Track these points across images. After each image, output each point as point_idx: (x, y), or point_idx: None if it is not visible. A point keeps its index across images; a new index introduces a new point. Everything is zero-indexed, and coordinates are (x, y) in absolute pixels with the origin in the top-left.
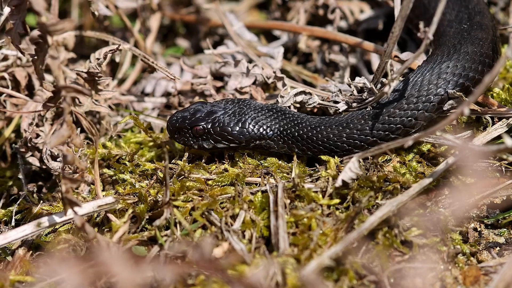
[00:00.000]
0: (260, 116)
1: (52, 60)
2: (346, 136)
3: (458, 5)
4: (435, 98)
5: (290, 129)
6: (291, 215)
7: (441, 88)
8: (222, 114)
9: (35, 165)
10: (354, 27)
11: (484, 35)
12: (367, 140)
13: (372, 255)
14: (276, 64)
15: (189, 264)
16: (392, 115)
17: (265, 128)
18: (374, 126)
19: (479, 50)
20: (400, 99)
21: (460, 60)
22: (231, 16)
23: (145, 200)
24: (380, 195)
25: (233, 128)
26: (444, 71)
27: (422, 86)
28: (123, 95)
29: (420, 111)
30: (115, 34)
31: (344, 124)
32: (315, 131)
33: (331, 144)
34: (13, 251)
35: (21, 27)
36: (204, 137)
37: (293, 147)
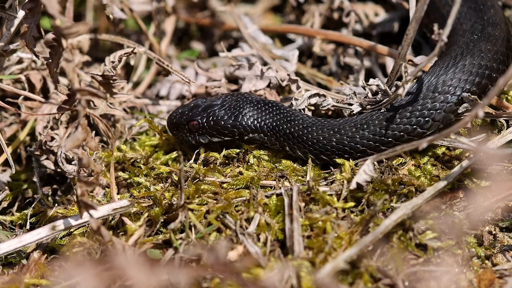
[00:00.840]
0: (255, 109)
1: (67, 63)
2: (336, 141)
3: (474, 16)
4: (452, 98)
5: (282, 125)
6: (306, 218)
7: (457, 89)
8: (218, 108)
9: (50, 168)
10: (369, 31)
11: (498, 33)
12: (356, 148)
13: (387, 258)
14: (291, 67)
15: (204, 267)
16: (389, 121)
17: (259, 121)
18: (363, 134)
19: (493, 48)
20: (412, 102)
21: (474, 60)
22: (246, 19)
23: (160, 203)
24: (395, 198)
25: (226, 122)
26: (457, 74)
27: (436, 88)
28: (138, 98)
29: (428, 117)
30: (130, 37)
31: (335, 128)
32: (306, 130)
33: (320, 146)
34: (28, 254)
35: (36, 30)
36: (200, 132)
37: (284, 145)
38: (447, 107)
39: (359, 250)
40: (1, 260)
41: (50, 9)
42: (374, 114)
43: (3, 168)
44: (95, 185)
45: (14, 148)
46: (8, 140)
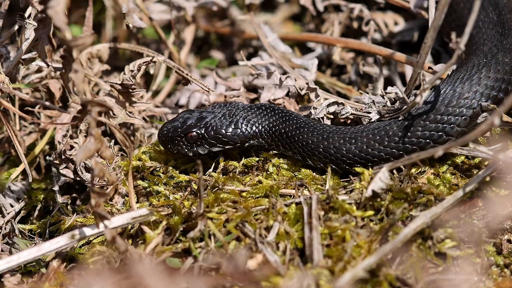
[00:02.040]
0: (250, 115)
1: (76, 74)
2: (323, 146)
3: (492, 24)
4: (467, 111)
5: (278, 125)
6: (325, 227)
7: (474, 99)
8: (213, 118)
9: (69, 177)
10: (388, 39)
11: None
12: (342, 158)
13: (406, 267)
14: (310, 76)
15: (223, 276)
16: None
17: (256, 125)
18: (356, 145)
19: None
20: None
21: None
22: (265, 27)
23: (179, 212)
24: (414, 207)
25: (227, 130)
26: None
27: (453, 97)
28: (157, 107)
29: (452, 124)
30: (149, 46)
31: (325, 135)
32: (299, 131)
33: (311, 149)
34: (47, 263)
35: (47, 41)
36: (198, 143)
37: (278, 145)
38: (467, 115)
39: (378, 259)
40: (21, 269)
41: (57, 21)
42: (392, 122)
43: (22, 177)
44: (109, 196)
45: (33, 157)
46: (27, 148)
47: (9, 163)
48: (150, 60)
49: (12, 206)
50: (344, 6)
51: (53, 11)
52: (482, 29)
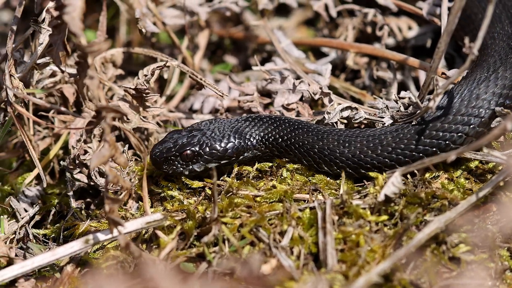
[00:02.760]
0: (240, 127)
1: (91, 80)
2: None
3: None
4: (482, 114)
5: (271, 133)
6: (339, 231)
7: (487, 103)
8: (204, 134)
9: (83, 182)
10: (402, 44)
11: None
12: (335, 160)
13: (420, 272)
14: (324, 81)
15: (238, 280)
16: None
17: (248, 137)
18: (350, 149)
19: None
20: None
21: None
22: (279, 33)
23: (193, 216)
24: (428, 211)
25: (221, 145)
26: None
27: (470, 101)
28: (171, 112)
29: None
30: (163, 50)
31: (320, 136)
32: (293, 134)
33: (306, 150)
34: (61, 268)
35: (62, 47)
36: (194, 160)
37: (274, 152)
38: (482, 118)
39: (392, 264)
40: (35, 274)
41: (73, 27)
42: (405, 127)
43: (36, 182)
44: (123, 202)
45: (47, 161)
46: (41, 153)
47: (23, 168)
48: (164, 64)
49: (26, 211)
50: (358, 11)
51: (69, 17)
52: (496, 40)
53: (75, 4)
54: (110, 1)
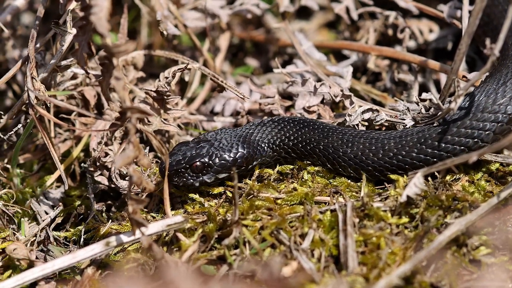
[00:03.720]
0: (247, 136)
1: (117, 81)
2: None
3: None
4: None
5: (280, 138)
6: (360, 234)
7: (508, 105)
8: (212, 145)
9: (104, 184)
10: (423, 47)
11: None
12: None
13: (441, 274)
14: (345, 83)
15: (258, 283)
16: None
17: (255, 145)
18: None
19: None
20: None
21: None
22: (300, 35)
23: (214, 219)
24: (449, 214)
25: (230, 155)
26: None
27: (487, 104)
28: (192, 114)
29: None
30: (184, 53)
31: (325, 134)
32: (306, 136)
33: (312, 147)
34: (82, 270)
35: (87, 48)
36: (204, 172)
37: (283, 153)
38: (502, 121)
39: (413, 266)
40: (55, 276)
41: (100, 27)
42: (427, 129)
43: (57, 184)
44: (146, 203)
45: (68, 164)
46: (62, 156)
47: (44, 170)
48: (185, 67)
49: (47, 213)
50: (379, 14)
51: (95, 17)
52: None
53: (102, 5)
54: (131, 3)
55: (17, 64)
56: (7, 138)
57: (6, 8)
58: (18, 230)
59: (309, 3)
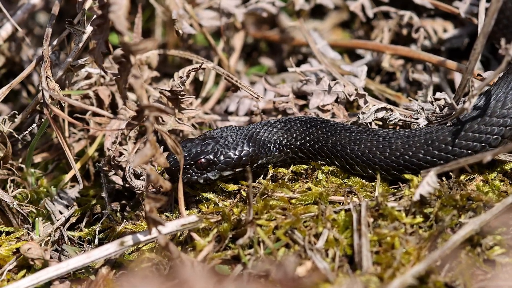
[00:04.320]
0: (253, 134)
1: (135, 79)
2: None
3: None
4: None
5: (287, 138)
6: (374, 233)
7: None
8: (217, 143)
9: (118, 184)
10: (438, 46)
11: None
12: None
13: (455, 274)
14: (360, 82)
15: (273, 283)
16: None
17: (261, 144)
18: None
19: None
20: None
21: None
22: (315, 34)
23: (228, 219)
24: (463, 213)
25: (235, 153)
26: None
27: (505, 103)
28: (206, 114)
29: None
30: (199, 52)
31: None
32: (313, 135)
33: (320, 146)
34: (96, 270)
35: (104, 46)
36: (209, 169)
37: (287, 152)
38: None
39: (427, 266)
40: (70, 276)
41: (119, 25)
42: (440, 129)
43: (71, 184)
44: (164, 201)
45: (82, 163)
46: (76, 155)
47: (58, 170)
48: (199, 66)
49: (61, 213)
50: (393, 13)
51: (114, 16)
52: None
53: (120, 3)
54: (145, 3)
55: (32, 64)
56: (21, 137)
57: (21, 7)
58: (32, 229)
59: (324, 1)
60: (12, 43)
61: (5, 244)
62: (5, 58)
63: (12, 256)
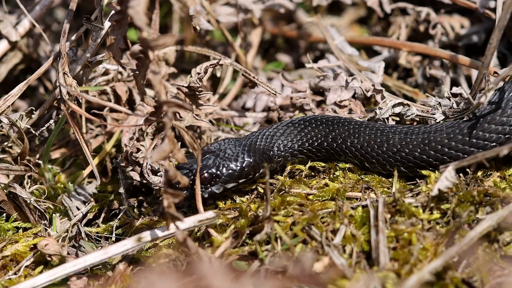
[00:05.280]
0: (252, 143)
1: (154, 75)
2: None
3: None
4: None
5: (286, 142)
6: (392, 229)
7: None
8: (217, 156)
9: (135, 180)
10: (455, 42)
11: None
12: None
13: (472, 270)
14: (377, 78)
15: (290, 279)
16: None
17: (261, 153)
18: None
19: None
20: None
21: None
22: (332, 30)
23: (245, 215)
24: (481, 209)
25: (237, 164)
26: None
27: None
28: (223, 110)
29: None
30: (216, 48)
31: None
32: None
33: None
34: (113, 266)
35: (122, 42)
36: (212, 183)
37: (287, 156)
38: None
39: (445, 262)
40: (87, 272)
41: (138, 21)
42: (456, 123)
43: (89, 180)
44: (182, 197)
45: (100, 159)
46: (94, 151)
47: (75, 166)
48: (216, 62)
49: (78, 209)
50: (411, 10)
51: (133, 11)
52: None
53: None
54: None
55: (49, 60)
56: (38, 133)
57: (38, 3)
58: (49, 225)
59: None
60: (29, 39)
61: (23, 240)
62: (22, 54)
63: (29, 252)
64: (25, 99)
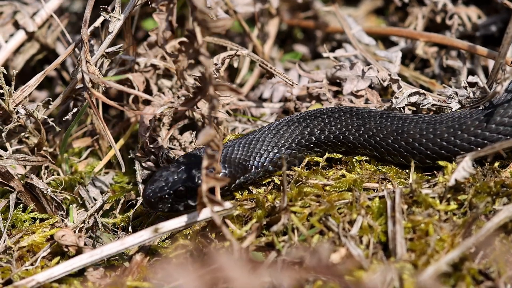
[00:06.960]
0: (228, 153)
1: (205, 59)
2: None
3: None
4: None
5: (260, 154)
6: (409, 220)
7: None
8: (191, 169)
9: (152, 170)
10: (472, 33)
11: None
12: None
13: (489, 261)
14: (394, 68)
15: (307, 269)
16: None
17: (236, 164)
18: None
19: None
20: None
21: None
22: (350, 19)
23: (262, 205)
24: (497, 200)
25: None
26: None
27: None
28: (241, 101)
29: None
30: (234, 39)
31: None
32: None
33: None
34: (130, 257)
35: (169, 27)
36: (188, 195)
37: (267, 167)
38: None
39: (462, 253)
40: (104, 263)
41: (198, 2)
42: (472, 112)
43: (105, 171)
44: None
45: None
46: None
47: (92, 156)
48: (234, 53)
49: (95, 200)
50: (428, 0)
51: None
52: None
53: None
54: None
55: (68, 49)
56: (55, 124)
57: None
58: (66, 216)
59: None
60: (47, 30)
61: (39, 231)
62: (39, 45)
63: (46, 243)
64: (42, 90)
